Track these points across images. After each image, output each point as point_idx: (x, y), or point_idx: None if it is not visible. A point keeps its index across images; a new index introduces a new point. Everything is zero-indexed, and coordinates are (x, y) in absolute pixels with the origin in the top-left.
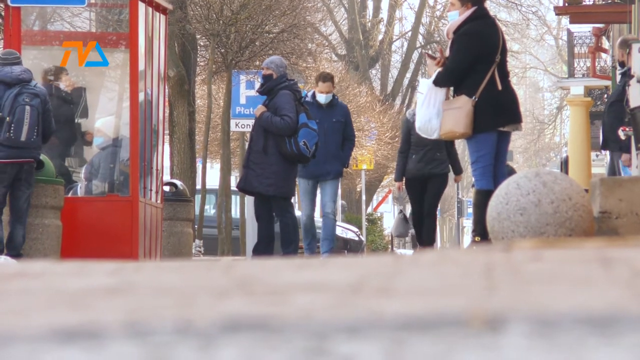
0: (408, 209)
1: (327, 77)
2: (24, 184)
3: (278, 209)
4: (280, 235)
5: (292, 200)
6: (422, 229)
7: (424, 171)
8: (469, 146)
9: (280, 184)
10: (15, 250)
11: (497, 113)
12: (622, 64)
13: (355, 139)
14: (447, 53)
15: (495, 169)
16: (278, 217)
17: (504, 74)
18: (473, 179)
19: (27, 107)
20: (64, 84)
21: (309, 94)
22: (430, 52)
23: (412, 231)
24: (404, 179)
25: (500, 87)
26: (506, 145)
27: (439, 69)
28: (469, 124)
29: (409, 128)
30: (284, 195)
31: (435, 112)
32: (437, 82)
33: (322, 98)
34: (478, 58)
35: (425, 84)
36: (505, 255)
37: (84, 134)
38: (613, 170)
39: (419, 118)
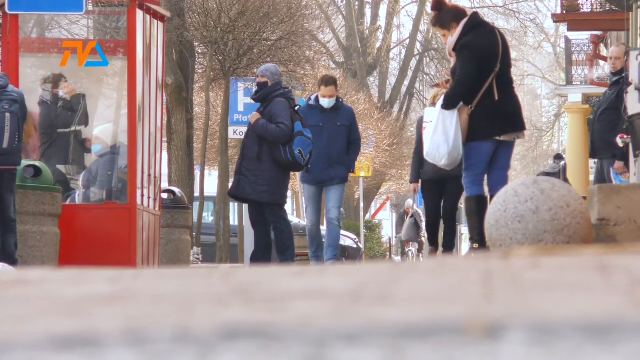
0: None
1: (329, 81)
2: (7, 191)
3: (272, 216)
4: (276, 243)
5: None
6: (436, 232)
7: (442, 173)
8: (463, 154)
9: (274, 191)
10: (11, 258)
11: (493, 122)
12: (618, 72)
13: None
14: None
15: (491, 176)
16: (272, 224)
17: (506, 82)
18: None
19: (7, 114)
20: (63, 91)
21: (312, 97)
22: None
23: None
24: (419, 181)
25: (497, 97)
26: (507, 154)
27: (444, 91)
28: (464, 131)
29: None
30: (277, 202)
31: (444, 139)
32: (449, 103)
33: (325, 102)
34: (479, 67)
35: (431, 113)
36: (503, 262)
37: (84, 141)
38: (602, 178)
39: (428, 145)
